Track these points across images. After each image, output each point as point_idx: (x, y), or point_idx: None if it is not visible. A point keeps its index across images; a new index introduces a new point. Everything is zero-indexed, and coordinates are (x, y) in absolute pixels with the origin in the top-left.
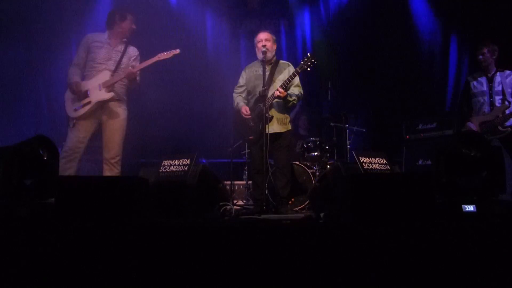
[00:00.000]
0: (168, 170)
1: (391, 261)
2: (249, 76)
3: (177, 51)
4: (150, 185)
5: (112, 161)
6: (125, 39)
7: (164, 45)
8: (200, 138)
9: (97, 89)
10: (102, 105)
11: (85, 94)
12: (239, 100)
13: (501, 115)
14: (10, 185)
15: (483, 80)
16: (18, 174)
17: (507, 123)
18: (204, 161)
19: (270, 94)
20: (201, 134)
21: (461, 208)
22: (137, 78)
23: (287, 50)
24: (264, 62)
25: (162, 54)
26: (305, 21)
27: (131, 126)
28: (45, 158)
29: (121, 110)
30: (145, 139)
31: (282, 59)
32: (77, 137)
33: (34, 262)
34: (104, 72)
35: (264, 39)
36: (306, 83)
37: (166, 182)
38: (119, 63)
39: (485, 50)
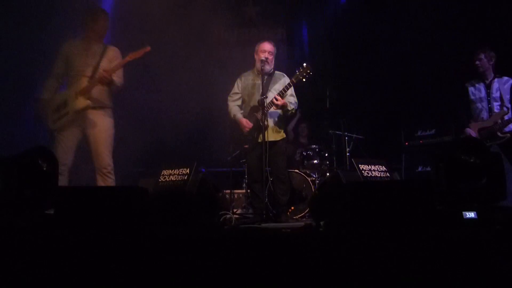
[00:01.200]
0: (167, 179)
1: (392, 269)
2: (245, 84)
3: (148, 48)
4: (150, 195)
5: (104, 171)
6: (102, 41)
7: (162, 52)
8: (199, 147)
9: (74, 98)
10: (82, 114)
11: (64, 104)
12: (236, 110)
13: (500, 121)
14: (9, 196)
15: (481, 86)
16: (18, 185)
17: (506, 129)
18: (204, 170)
19: (266, 103)
20: (200, 143)
21: (462, 215)
22: (115, 80)
23: (285, 61)
24: (262, 72)
25: (133, 53)
26: (303, 31)
27: (131, 135)
28: (44, 169)
29: (104, 118)
30: (144, 148)
31: (279, 70)
32: (62, 149)
33: (33, 273)
34: (81, 80)
35: (268, 51)
36: (304, 91)
37: (165, 191)
38: (96, 68)
39: (482, 56)
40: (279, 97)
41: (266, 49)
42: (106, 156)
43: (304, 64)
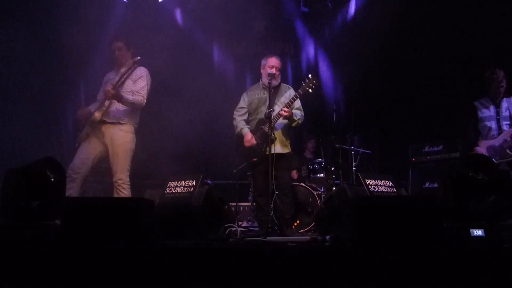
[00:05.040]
0: (173, 191)
1: (397, 285)
2: (251, 98)
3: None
4: (156, 206)
5: (116, 184)
6: (127, 66)
7: (171, 67)
8: (206, 159)
9: (93, 112)
10: (99, 127)
11: (88, 118)
12: (242, 125)
13: (509, 139)
14: (17, 207)
15: (490, 105)
16: (26, 196)
17: None
18: (210, 182)
19: (273, 115)
20: (207, 155)
21: (469, 232)
22: (124, 96)
23: (292, 75)
24: (269, 87)
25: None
26: (310, 46)
27: (138, 147)
28: (52, 180)
29: (121, 133)
30: (151, 160)
31: (286, 83)
32: (79, 158)
33: (39, 283)
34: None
35: (276, 67)
36: (311, 106)
37: (171, 203)
38: (115, 86)
39: (503, 75)
40: (285, 108)
41: (274, 64)
42: (119, 170)
43: (310, 76)
